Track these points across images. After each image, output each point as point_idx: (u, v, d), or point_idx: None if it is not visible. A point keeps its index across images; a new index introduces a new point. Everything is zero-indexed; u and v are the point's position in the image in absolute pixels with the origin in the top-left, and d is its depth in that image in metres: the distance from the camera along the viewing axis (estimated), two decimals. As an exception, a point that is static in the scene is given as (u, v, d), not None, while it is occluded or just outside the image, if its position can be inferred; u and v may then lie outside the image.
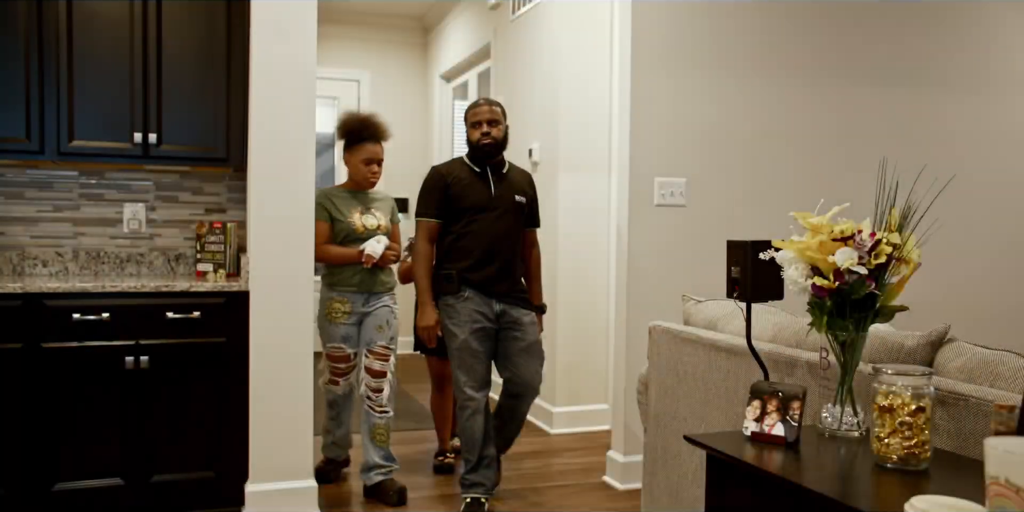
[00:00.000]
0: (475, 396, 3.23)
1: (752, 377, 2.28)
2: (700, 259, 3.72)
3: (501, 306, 3.29)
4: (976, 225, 4.27)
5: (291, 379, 3.22)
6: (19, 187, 3.60)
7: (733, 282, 2.15)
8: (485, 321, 3.26)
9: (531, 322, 3.35)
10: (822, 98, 3.97)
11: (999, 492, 1.09)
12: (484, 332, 3.26)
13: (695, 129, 3.75)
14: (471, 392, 3.23)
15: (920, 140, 4.14)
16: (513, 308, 3.31)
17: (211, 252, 3.61)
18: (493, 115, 3.32)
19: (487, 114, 3.31)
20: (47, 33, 3.27)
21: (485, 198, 3.29)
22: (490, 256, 3.26)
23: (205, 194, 3.82)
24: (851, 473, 1.56)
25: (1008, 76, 4.32)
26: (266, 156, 3.18)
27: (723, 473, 1.74)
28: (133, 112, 3.38)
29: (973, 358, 1.82)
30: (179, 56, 3.42)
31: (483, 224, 3.27)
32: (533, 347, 3.33)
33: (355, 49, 7.23)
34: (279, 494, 3.21)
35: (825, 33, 3.96)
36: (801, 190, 3.90)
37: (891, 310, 1.77)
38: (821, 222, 1.76)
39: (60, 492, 3.08)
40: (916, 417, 1.52)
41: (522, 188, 3.42)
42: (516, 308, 3.32)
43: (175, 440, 3.20)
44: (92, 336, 3.10)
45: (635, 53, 3.64)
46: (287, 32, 3.18)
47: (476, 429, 3.24)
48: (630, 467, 3.67)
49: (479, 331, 3.25)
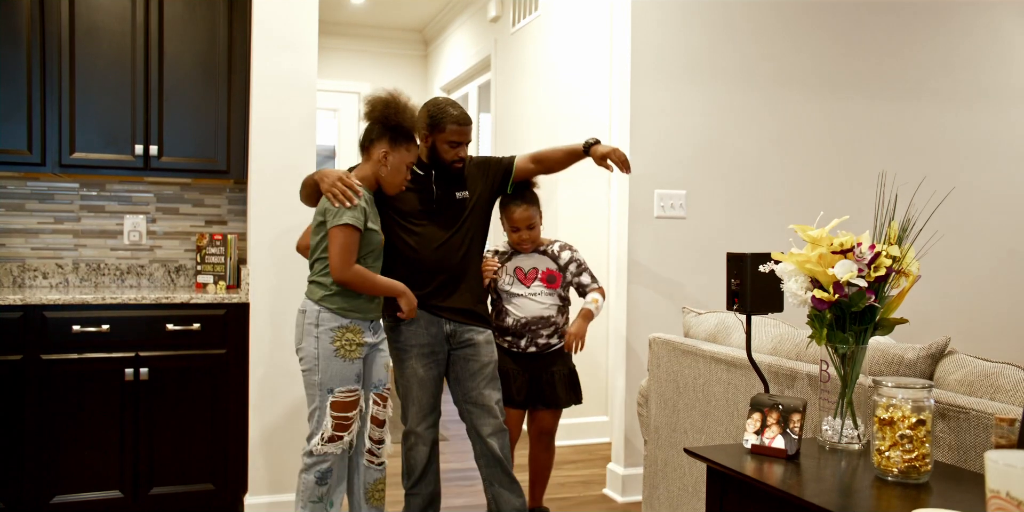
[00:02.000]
0: (417, 430, 2.88)
1: (752, 389, 2.28)
2: (700, 271, 3.72)
3: (452, 326, 2.89)
4: (975, 237, 4.28)
5: (291, 391, 3.21)
6: (20, 199, 3.61)
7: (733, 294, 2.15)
8: (434, 344, 2.88)
9: (487, 341, 2.93)
10: (821, 111, 3.98)
11: (1000, 506, 1.09)
12: (433, 357, 2.88)
13: (694, 141, 3.76)
14: (415, 424, 2.88)
15: (919, 152, 4.15)
16: (466, 327, 2.90)
17: (211, 264, 3.61)
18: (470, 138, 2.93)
19: (468, 136, 2.89)
20: (49, 45, 3.29)
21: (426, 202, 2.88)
22: (434, 268, 2.85)
23: (206, 206, 3.83)
24: (851, 486, 1.56)
25: (1006, 88, 4.33)
26: (266, 168, 3.19)
27: (723, 486, 1.73)
28: (134, 124, 3.39)
29: (973, 371, 1.82)
30: (180, 68, 3.44)
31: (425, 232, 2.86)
32: (487, 369, 2.92)
33: (355, 61, 7.27)
34: (278, 507, 3.20)
35: (824, 46, 3.98)
36: (801, 203, 3.91)
37: (891, 322, 1.77)
38: (821, 235, 1.77)
39: (59, 505, 3.07)
40: (916, 430, 1.52)
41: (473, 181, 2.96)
42: (470, 327, 2.91)
43: (175, 452, 3.19)
44: (92, 348, 3.10)
45: (634, 65, 3.66)
46: (288, 44, 3.20)
47: (418, 459, 2.91)
48: (630, 479, 3.66)
49: (428, 356, 2.87)
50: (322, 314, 2.61)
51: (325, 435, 2.62)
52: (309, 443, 2.65)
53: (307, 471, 2.65)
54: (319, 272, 2.66)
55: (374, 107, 2.71)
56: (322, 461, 2.64)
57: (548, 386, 3.11)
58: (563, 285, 3.12)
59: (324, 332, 2.61)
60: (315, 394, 2.64)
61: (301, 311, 2.68)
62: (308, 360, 2.64)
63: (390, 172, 2.71)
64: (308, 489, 2.65)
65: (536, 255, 3.10)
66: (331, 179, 2.60)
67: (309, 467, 2.64)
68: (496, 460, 2.93)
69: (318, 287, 2.64)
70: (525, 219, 2.98)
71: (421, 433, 2.88)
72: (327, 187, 2.59)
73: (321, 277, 2.64)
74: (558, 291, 3.10)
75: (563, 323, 3.14)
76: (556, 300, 3.09)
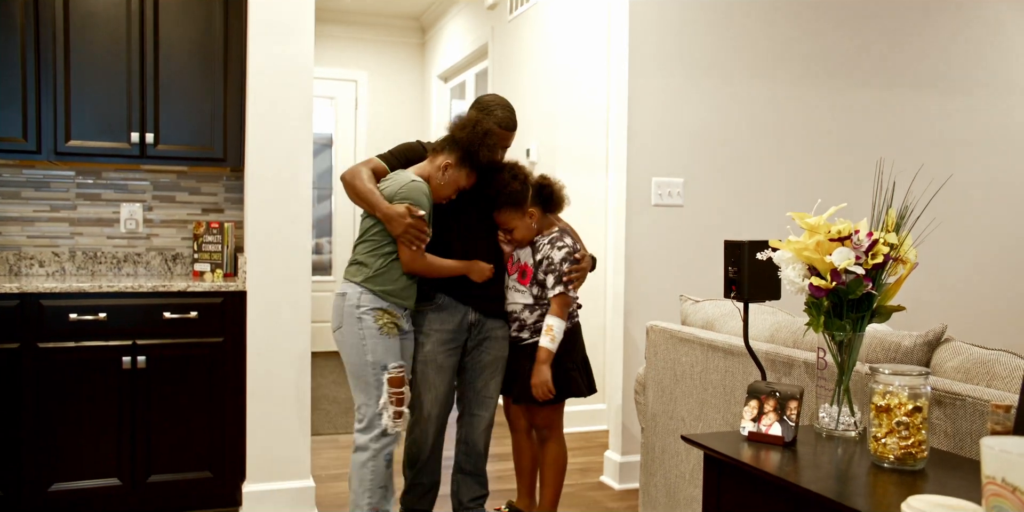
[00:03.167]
0: (432, 414, 2.88)
1: (749, 377, 2.28)
2: (697, 259, 3.72)
3: (477, 315, 2.91)
4: (973, 225, 4.28)
5: (288, 379, 3.21)
6: (16, 187, 3.60)
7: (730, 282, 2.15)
8: (456, 331, 2.89)
9: (504, 337, 2.95)
10: (819, 99, 3.97)
11: (996, 491, 1.09)
12: (453, 344, 2.88)
13: (692, 129, 3.75)
14: (430, 408, 2.87)
15: (917, 141, 4.15)
16: (489, 318, 2.93)
17: (208, 252, 3.61)
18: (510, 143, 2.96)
19: (509, 141, 2.93)
20: (44, 32, 3.27)
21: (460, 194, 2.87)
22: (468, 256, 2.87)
23: (202, 194, 3.82)
24: (848, 473, 1.56)
25: (1005, 77, 4.32)
26: (263, 156, 3.18)
27: (720, 473, 1.74)
28: (130, 112, 3.37)
29: (970, 358, 1.82)
30: (176, 56, 3.42)
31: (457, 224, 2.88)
32: (498, 363, 2.95)
33: (353, 49, 7.23)
34: (277, 494, 3.21)
35: (822, 35, 3.96)
36: (798, 190, 3.91)
37: (888, 310, 1.77)
38: (818, 222, 1.76)
39: (58, 492, 3.07)
40: (913, 417, 1.52)
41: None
42: (492, 319, 2.94)
43: (172, 440, 3.20)
44: (89, 336, 3.09)
45: (632, 53, 3.65)
46: (284, 32, 3.18)
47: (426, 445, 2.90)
48: (627, 467, 3.67)
49: (448, 342, 2.87)
50: (363, 296, 2.68)
51: (392, 412, 2.67)
52: (368, 433, 2.68)
53: (375, 458, 2.68)
54: (366, 252, 2.72)
55: (470, 128, 2.76)
56: (390, 443, 2.69)
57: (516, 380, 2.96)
58: (532, 282, 2.91)
59: (367, 312, 2.67)
60: (368, 376, 2.67)
61: (340, 294, 2.72)
62: (353, 344, 2.68)
63: (442, 185, 2.77)
64: (377, 475, 2.69)
65: (530, 247, 3.03)
66: (402, 224, 2.63)
67: (378, 453, 2.68)
68: (476, 453, 3.01)
69: (361, 268, 2.71)
70: (503, 223, 2.94)
71: (434, 419, 2.88)
72: (400, 232, 2.64)
73: (366, 257, 2.71)
74: (528, 288, 2.92)
75: (534, 320, 2.92)
76: (526, 297, 2.91)
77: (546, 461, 3.04)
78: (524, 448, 3.10)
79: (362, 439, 2.69)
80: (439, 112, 7.01)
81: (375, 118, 7.29)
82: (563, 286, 2.85)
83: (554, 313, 2.84)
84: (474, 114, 2.87)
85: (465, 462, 3.04)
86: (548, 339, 2.82)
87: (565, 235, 2.94)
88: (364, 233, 2.75)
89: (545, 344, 2.83)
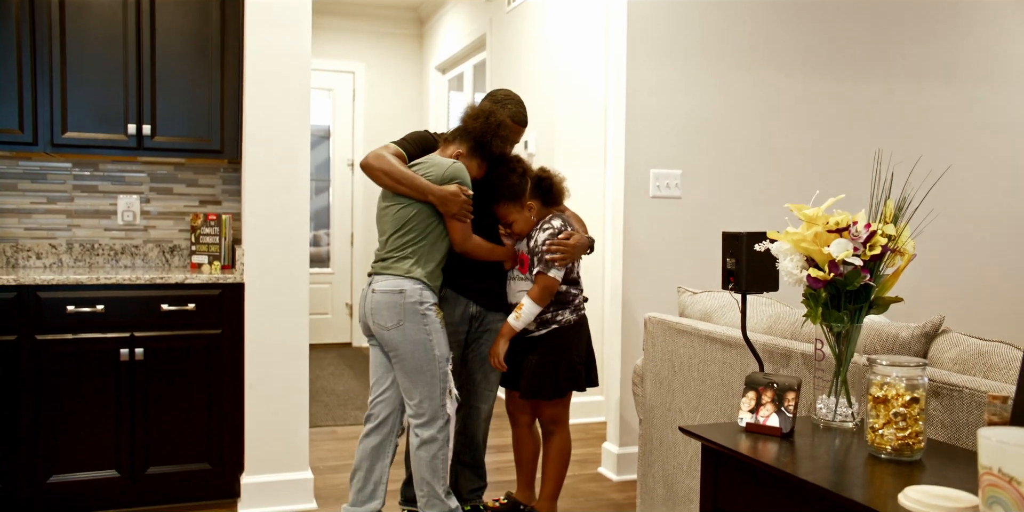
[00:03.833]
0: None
1: (747, 368, 2.28)
2: (695, 251, 3.72)
3: (477, 308, 2.92)
4: (971, 216, 4.28)
5: (286, 371, 3.22)
6: (12, 179, 3.59)
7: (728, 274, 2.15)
8: (457, 323, 2.90)
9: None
10: (818, 90, 3.96)
11: (992, 482, 1.10)
12: (455, 337, 2.89)
13: (690, 121, 3.74)
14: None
15: (915, 132, 4.14)
16: (490, 312, 2.95)
17: (206, 244, 3.60)
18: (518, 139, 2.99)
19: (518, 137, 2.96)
20: (40, 23, 3.25)
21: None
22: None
23: (200, 186, 3.81)
24: (845, 464, 1.56)
25: (1003, 67, 4.32)
26: (261, 148, 3.17)
27: (718, 464, 1.74)
28: (127, 103, 3.36)
29: (967, 349, 1.83)
30: (173, 47, 3.40)
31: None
32: None
33: (350, 40, 7.21)
34: (275, 486, 3.22)
35: (821, 25, 3.95)
36: (796, 182, 3.90)
37: (886, 301, 1.77)
38: (816, 213, 1.76)
39: (56, 484, 3.08)
40: (910, 408, 1.53)
41: None
42: (493, 312, 2.95)
43: (171, 432, 3.20)
44: (87, 328, 3.09)
45: (630, 44, 3.63)
46: (281, 23, 3.17)
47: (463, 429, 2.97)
48: (625, 458, 3.68)
49: (450, 336, 2.85)
50: (424, 292, 2.68)
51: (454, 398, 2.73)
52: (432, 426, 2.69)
53: (444, 447, 2.71)
54: (412, 245, 2.69)
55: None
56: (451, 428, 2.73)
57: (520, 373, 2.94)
58: (531, 270, 2.88)
59: (429, 308, 2.68)
60: (434, 369, 2.67)
61: (397, 291, 2.65)
62: (419, 340, 2.65)
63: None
64: (448, 460, 2.74)
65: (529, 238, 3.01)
66: (458, 203, 2.67)
67: (446, 441, 2.71)
68: (475, 445, 3.04)
69: (415, 263, 2.69)
70: (502, 216, 2.93)
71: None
72: (456, 211, 2.68)
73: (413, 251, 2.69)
74: (528, 276, 2.90)
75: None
76: (528, 286, 2.88)
77: (550, 455, 3.03)
78: (525, 441, 3.10)
79: (427, 433, 2.69)
80: (437, 103, 6.99)
81: (373, 110, 7.27)
82: (543, 265, 2.81)
83: (531, 295, 2.82)
84: (488, 105, 2.87)
85: (464, 453, 3.05)
86: (514, 317, 2.83)
87: (554, 218, 2.91)
88: (402, 225, 2.70)
89: (510, 320, 2.84)
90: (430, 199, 2.66)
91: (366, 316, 2.74)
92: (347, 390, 5.47)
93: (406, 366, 2.68)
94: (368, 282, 2.77)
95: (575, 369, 2.91)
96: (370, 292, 2.72)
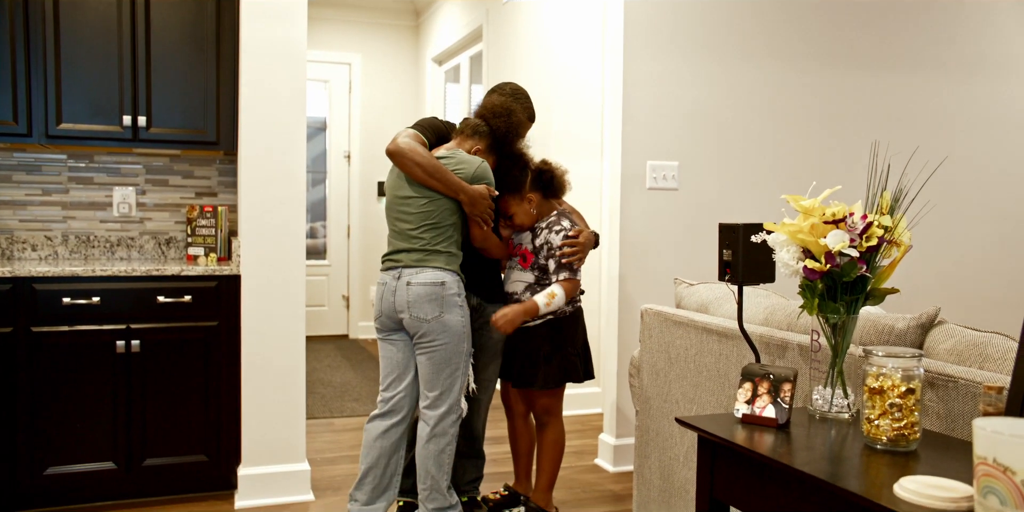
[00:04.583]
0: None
1: (743, 360, 2.29)
2: (692, 242, 3.72)
3: (477, 299, 2.91)
4: (967, 208, 4.29)
5: (283, 363, 3.22)
6: (7, 170, 3.57)
7: (725, 265, 2.15)
8: None
9: None
10: (814, 81, 3.96)
11: (987, 472, 1.10)
12: None
13: (687, 113, 3.74)
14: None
15: (912, 123, 4.14)
16: (490, 304, 2.94)
17: (202, 236, 3.60)
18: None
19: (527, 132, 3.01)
20: (34, 15, 3.24)
21: None
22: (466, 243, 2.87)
23: (195, 178, 3.80)
24: (841, 454, 1.57)
25: (1000, 59, 4.31)
26: (256, 139, 3.16)
27: (714, 455, 1.74)
28: (121, 95, 3.35)
29: (963, 340, 1.83)
30: (168, 38, 3.39)
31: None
32: (497, 345, 2.95)
33: (346, 31, 7.18)
34: (272, 477, 3.22)
35: (817, 16, 3.94)
36: (793, 173, 3.90)
37: (882, 292, 1.77)
38: (813, 205, 1.76)
39: (52, 476, 3.08)
40: (906, 399, 1.53)
41: None
42: (493, 304, 2.94)
43: (168, 424, 3.20)
44: (83, 320, 3.09)
45: (627, 35, 3.63)
46: (277, 14, 3.16)
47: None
48: (622, 450, 3.69)
49: None
50: (459, 284, 2.70)
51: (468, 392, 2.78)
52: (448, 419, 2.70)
53: (452, 442, 2.73)
54: (442, 238, 2.69)
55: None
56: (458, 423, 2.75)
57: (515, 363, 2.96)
58: (533, 266, 2.91)
59: (464, 301, 2.71)
60: (461, 362, 2.69)
61: (439, 283, 2.64)
62: (459, 332, 2.66)
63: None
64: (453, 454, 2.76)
65: (530, 232, 3.02)
66: (484, 205, 2.70)
67: (455, 436, 2.74)
68: (473, 436, 3.03)
69: (450, 256, 2.70)
70: (502, 209, 2.93)
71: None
72: (479, 212, 2.71)
73: (445, 245, 2.69)
74: (529, 270, 2.91)
75: None
76: (529, 277, 2.91)
77: (543, 446, 3.03)
78: (521, 432, 3.10)
79: (440, 426, 2.69)
80: (433, 95, 6.98)
81: (369, 101, 7.25)
82: (567, 271, 2.84)
83: (563, 286, 2.83)
84: (507, 102, 2.87)
85: (462, 445, 3.05)
86: (544, 302, 2.80)
87: (563, 218, 2.92)
88: (432, 218, 2.67)
89: (540, 301, 2.80)
90: (460, 197, 2.66)
91: (400, 309, 2.67)
92: (344, 382, 5.47)
93: (436, 357, 2.66)
94: (395, 276, 2.69)
95: (570, 360, 2.92)
96: (404, 285, 2.65)
